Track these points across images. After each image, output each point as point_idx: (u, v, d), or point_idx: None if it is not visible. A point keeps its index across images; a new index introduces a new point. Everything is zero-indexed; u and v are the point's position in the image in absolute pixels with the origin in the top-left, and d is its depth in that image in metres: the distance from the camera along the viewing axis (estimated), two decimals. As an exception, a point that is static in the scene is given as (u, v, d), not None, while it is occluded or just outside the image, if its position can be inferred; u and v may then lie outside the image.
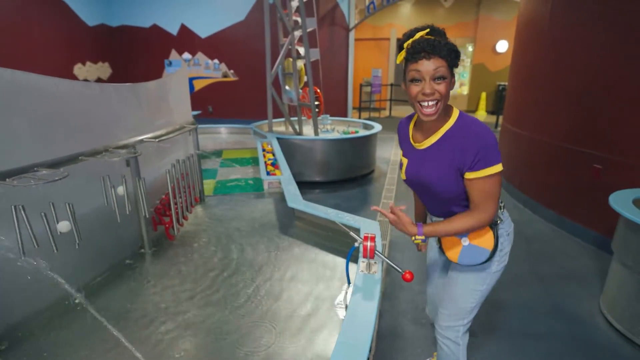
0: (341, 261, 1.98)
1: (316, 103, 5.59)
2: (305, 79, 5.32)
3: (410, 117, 1.43)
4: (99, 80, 9.50)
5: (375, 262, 1.60)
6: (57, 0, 8.09)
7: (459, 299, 1.46)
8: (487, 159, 1.16)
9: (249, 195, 3.09)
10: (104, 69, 9.64)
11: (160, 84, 2.59)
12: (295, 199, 2.61)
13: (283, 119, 5.82)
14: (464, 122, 1.23)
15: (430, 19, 11.49)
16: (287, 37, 5.12)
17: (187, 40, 9.66)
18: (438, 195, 1.30)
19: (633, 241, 2.07)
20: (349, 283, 1.57)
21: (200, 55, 9.74)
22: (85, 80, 9.06)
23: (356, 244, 1.48)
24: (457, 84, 12.04)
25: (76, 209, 1.48)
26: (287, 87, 5.56)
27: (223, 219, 2.63)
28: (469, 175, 1.20)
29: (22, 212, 1.21)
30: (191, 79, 9.83)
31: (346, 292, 1.62)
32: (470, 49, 11.61)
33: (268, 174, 3.27)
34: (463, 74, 12.01)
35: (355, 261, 1.70)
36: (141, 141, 1.98)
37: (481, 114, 11.34)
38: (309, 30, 4.83)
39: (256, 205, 2.87)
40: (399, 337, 2.21)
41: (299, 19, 4.95)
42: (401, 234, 3.43)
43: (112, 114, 2.00)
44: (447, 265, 1.57)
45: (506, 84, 6.47)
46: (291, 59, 5.23)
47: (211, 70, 9.80)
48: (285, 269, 1.97)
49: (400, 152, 1.46)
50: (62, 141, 1.60)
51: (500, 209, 1.36)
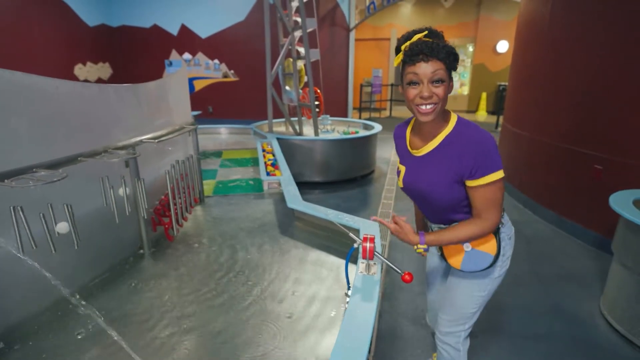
0: (341, 262, 1.98)
1: (316, 103, 5.60)
2: (305, 79, 5.32)
3: (406, 123, 1.40)
4: (99, 80, 9.51)
5: (375, 263, 1.60)
6: (57, 0, 8.10)
7: (460, 304, 1.44)
8: (487, 166, 1.15)
9: (248, 196, 3.09)
10: (104, 69, 9.65)
11: (160, 84, 2.59)
12: (294, 199, 2.61)
13: (283, 120, 5.82)
14: (463, 128, 1.20)
15: (431, 19, 11.52)
16: (287, 38, 5.12)
17: (187, 41, 9.67)
18: (437, 203, 1.28)
19: (633, 242, 2.07)
20: (348, 285, 1.56)
21: (200, 56, 9.75)
22: (86, 80, 9.07)
23: (355, 245, 1.48)
24: (457, 84, 12.05)
25: (75, 209, 1.48)
26: (287, 88, 5.56)
27: (223, 219, 2.63)
28: (470, 183, 1.19)
29: (21, 213, 1.21)
30: (191, 79, 9.83)
31: (346, 294, 1.62)
32: (470, 49, 11.61)
33: (268, 174, 3.27)
34: (463, 74, 12.00)
35: (355, 262, 1.70)
36: (140, 142, 1.98)
37: (481, 114, 11.34)
38: (309, 30, 4.84)
39: (256, 206, 2.87)
40: (398, 338, 2.21)
41: (299, 19, 4.95)
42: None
43: (112, 115, 2.00)
44: (448, 272, 1.54)
45: (506, 84, 6.46)
46: (291, 59, 5.23)
47: (211, 70, 9.80)
48: (285, 270, 1.97)
49: (397, 159, 1.44)
50: (61, 142, 1.60)
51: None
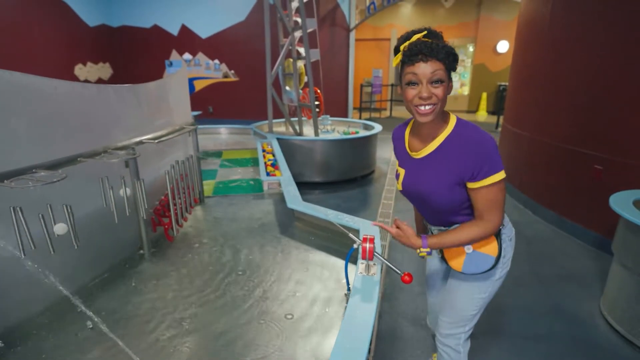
0: (341, 262, 1.98)
1: (316, 103, 5.59)
2: (305, 79, 5.32)
3: (405, 125, 1.39)
4: (99, 80, 9.52)
5: (374, 264, 1.60)
6: (57, 0, 8.10)
7: (461, 307, 1.44)
8: (489, 167, 1.14)
9: (248, 196, 3.09)
10: (104, 70, 9.65)
11: (160, 84, 2.59)
12: (294, 200, 2.61)
13: (283, 120, 5.82)
14: (463, 129, 1.20)
15: (431, 19, 11.51)
16: (287, 38, 5.12)
17: (187, 41, 9.67)
18: (437, 205, 1.27)
19: (633, 242, 2.07)
20: (348, 286, 1.56)
21: (200, 56, 9.76)
22: (86, 80, 9.08)
23: (355, 246, 1.48)
24: (457, 84, 12.04)
25: (75, 210, 1.48)
26: (287, 88, 5.56)
27: (222, 220, 2.63)
28: (471, 185, 1.18)
29: (20, 213, 1.21)
30: (192, 80, 9.84)
31: (345, 295, 1.62)
32: (471, 49, 11.60)
33: (268, 174, 3.27)
34: (464, 74, 12.00)
35: (355, 262, 1.69)
36: (140, 142, 1.98)
37: (482, 114, 11.33)
38: (309, 30, 4.84)
39: (256, 206, 2.87)
40: (398, 339, 2.21)
41: (299, 20, 4.95)
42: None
43: (111, 115, 2.00)
44: (449, 274, 1.53)
45: (507, 84, 6.45)
46: (291, 60, 5.23)
47: (212, 70, 9.81)
48: (285, 270, 1.96)
49: (396, 162, 1.42)
50: (60, 142, 1.60)
51: None
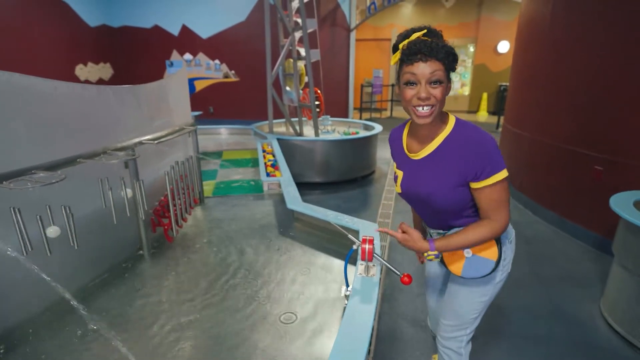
0: (340, 263, 1.98)
1: (316, 104, 5.59)
2: (305, 79, 5.32)
3: (402, 126, 1.37)
4: (100, 81, 9.52)
5: (374, 265, 1.60)
6: (58, 1, 8.11)
7: (462, 310, 1.43)
8: (490, 166, 1.13)
9: (248, 197, 3.09)
10: (105, 70, 9.66)
11: (160, 85, 2.59)
12: (294, 200, 2.61)
13: (283, 120, 5.82)
14: (462, 129, 1.18)
15: (432, 19, 11.50)
16: (287, 38, 5.12)
17: (188, 41, 9.67)
18: (437, 207, 1.25)
19: (634, 244, 2.06)
20: (347, 286, 1.56)
21: (201, 56, 9.76)
22: (87, 80, 9.08)
23: (354, 247, 1.47)
24: (458, 84, 12.03)
25: (75, 210, 1.48)
26: (287, 88, 5.56)
27: (222, 220, 2.63)
28: (475, 185, 1.17)
29: (18, 214, 1.21)
30: (192, 80, 9.84)
31: (345, 296, 1.61)
32: (471, 49, 11.59)
33: (268, 175, 3.27)
34: (464, 75, 11.99)
35: (355, 263, 1.69)
36: (140, 143, 1.98)
37: (482, 115, 11.32)
38: (309, 31, 4.83)
39: (256, 207, 2.87)
40: (398, 340, 2.20)
41: (299, 20, 4.95)
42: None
43: (111, 116, 2.00)
44: (448, 277, 1.51)
45: (507, 84, 6.44)
46: (292, 60, 5.23)
47: (212, 70, 9.81)
48: (284, 271, 1.96)
49: (394, 164, 1.39)
50: (60, 143, 1.60)
51: None
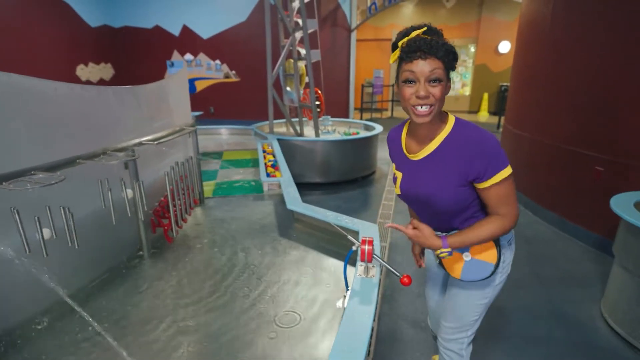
0: (340, 264, 1.98)
1: (317, 104, 5.59)
2: (306, 80, 5.32)
3: (401, 126, 1.35)
4: (101, 81, 9.54)
5: (374, 266, 1.60)
6: (59, 1, 8.13)
7: (462, 313, 1.42)
8: (495, 165, 1.12)
9: (248, 197, 3.09)
10: (106, 70, 9.67)
11: (160, 85, 2.60)
12: (294, 201, 2.60)
13: (284, 120, 5.82)
14: (462, 129, 1.17)
15: (432, 19, 11.43)
16: (288, 38, 5.12)
17: (189, 41, 9.68)
18: (437, 208, 1.23)
19: (634, 245, 2.05)
20: (347, 287, 1.56)
21: (202, 56, 9.77)
22: (88, 81, 9.10)
23: (354, 248, 1.47)
24: (459, 84, 12.01)
25: (75, 211, 1.48)
26: (288, 88, 5.56)
27: (222, 221, 2.63)
28: (481, 185, 1.16)
29: (17, 215, 1.21)
30: (193, 80, 9.85)
31: (345, 297, 1.61)
32: (472, 49, 11.58)
33: (268, 175, 3.27)
34: (465, 75, 11.98)
35: (354, 264, 1.69)
36: (140, 143, 1.98)
37: (483, 115, 11.31)
38: (310, 31, 4.83)
39: (256, 207, 2.87)
40: (398, 341, 2.20)
41: (300, 20, 4.95)
42: (402, 235, 3.43)
43: (111, 117, 2.00)
44: (448, 279, 1.50)
45: (508, 84, 6.43)
46: (292, 60, 5.23)
47: (213, 71, 9.82)
48: (284, 272, 1.96)
49: (393, 165, 1.38)
50: (59, 144, 1.60)
51: None
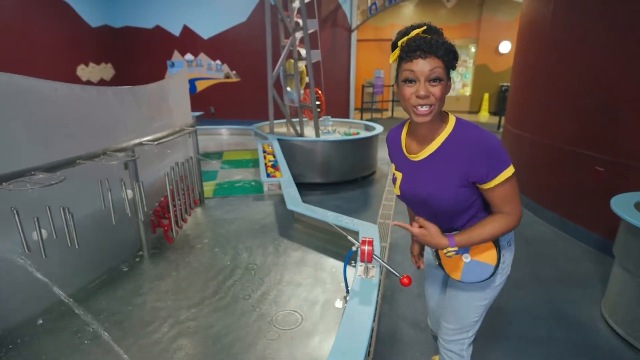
0: (340, 264, 1.97)
1: (317, 104, 5.59)
2: (306, 80, 5.31)
3: (400, 127, 1.34)
4: (101, 81, 9.54)
5: (373, 266, 1.60)
6: (59, 1, 8.13)
7: (462, 314, 1.42)
8: (497, 165, 1.11)
9: (248, 198, 3.09)
10: (107, 70, 9.68)
11: (160, 86, 2.60)
12: (294, 201, 2.60)
13: (284, 120, 5.82)
14: (463, 129, 1.16)
15: (433, 19, 11.34)
16: (288, 39, 5.12)
17: (189, 42, 9.69)
18: (437, 209, 1.22)
19: (634, 245, 2.05)
20: (347, 288, 1.56)
21: (202, 56, 9.77)
22: (88, 80, 9.10)
23: (354, 248, 1.47)
24: (459, 85, 12.00)
25: (75, 211, 1.48)
26: (288, 89, 5.56)
27: (222, 221, 2.63)
28: (484, 186, 1.16)
29: (17, 215, 1.21)
30: (193, 80, 9.86)
31: (344, 298, 1.61)
32: (472, 49, 11.57)
33: (268, 175, 3.27)
34: (465, 75, 11.97)
35: (354, 265, 1.69)
36: (140, 144, 1.98)
37: (484, 115, 11.31)
38: (310, 31, 4.83)
39: (256, 208, 2.87)
40: (398, 341, 2.20)
41: (300, 20, 4.95)
42: (403, 235, 3.43)
43: (111, 117, 2.00)
44: (447, 280, 1.49)
45: (509, 85, 6.43)
46: (292, 60, 5.23)
47: (213, 71, 9.82)
48: (284, 272, 1.96)
49: (392, 166, 1.37)
50: (59, 144, 1.61)
51: None
